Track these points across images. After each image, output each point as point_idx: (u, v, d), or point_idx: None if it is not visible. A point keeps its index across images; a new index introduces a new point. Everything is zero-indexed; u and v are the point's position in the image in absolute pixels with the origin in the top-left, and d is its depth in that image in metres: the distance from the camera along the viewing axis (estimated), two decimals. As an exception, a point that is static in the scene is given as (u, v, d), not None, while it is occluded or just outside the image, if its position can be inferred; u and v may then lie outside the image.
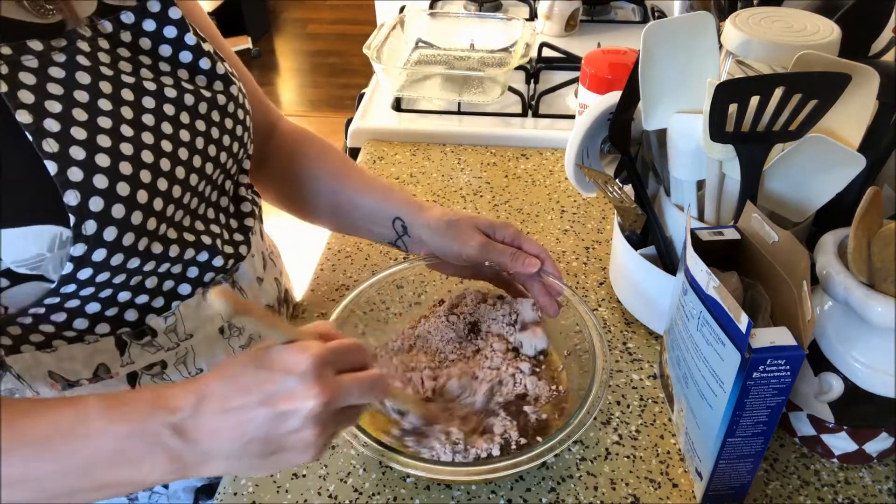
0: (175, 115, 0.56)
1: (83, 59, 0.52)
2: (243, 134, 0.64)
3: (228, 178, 0.64)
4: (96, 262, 0.51)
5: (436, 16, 1.33)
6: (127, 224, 0.51)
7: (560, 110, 1.15)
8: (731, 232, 0.59)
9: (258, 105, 0.74)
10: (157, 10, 0.58)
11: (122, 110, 0.53)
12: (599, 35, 1.40)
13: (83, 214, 0.49)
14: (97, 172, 0.50)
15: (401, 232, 0.70)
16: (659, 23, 0.60)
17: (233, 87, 0.62)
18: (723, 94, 0.54)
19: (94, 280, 0.52)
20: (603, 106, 0.71)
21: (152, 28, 0.58)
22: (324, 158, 0.76)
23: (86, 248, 0.49)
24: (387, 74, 1.15)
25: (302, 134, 0.78)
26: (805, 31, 0.60)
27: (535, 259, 0.63)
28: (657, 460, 0.62)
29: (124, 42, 0.56)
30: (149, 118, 0.54)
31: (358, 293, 0.67)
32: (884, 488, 0.60)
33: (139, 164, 0.52)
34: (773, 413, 0.51)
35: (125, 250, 0.52)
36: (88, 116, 0.50)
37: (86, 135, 0.50)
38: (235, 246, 0.65)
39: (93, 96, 0.51)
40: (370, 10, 2.05)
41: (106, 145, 0.51)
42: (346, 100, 3.38)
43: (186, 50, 0.59)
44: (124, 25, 0.56)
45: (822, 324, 0.57)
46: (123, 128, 0.52)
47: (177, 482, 0.64)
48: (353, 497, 0.59)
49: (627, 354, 0.72)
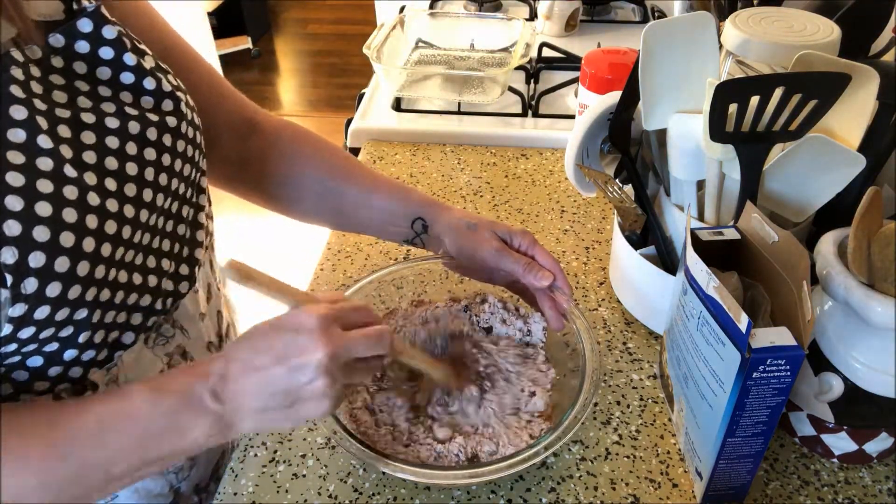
0: (120, 147, 0.51)
1: (17, 91, 0.46)
2: (194, 153, 0.58)
3: (186, 204, 0.59)
4: (39, 321, 0.46)
5: (436, 16, 1.33)
6: (73, 277, 0.46)
7: (560, 110, 1.15)
8: (731, 232, 0.59)
9: (224, 102, 0.69)
10: (89, 31, 0.51)
11: (60, 149, 0.47)
12: (599, 35, 1.40)
13: (21, 273, 0.44)
14: (38, 224, 0.44)
15: (420, 231, 0.69)
16: (659, 23, 0.60)
17: (182, 105, 0.56)
18: (723, 94, 0.54)
19: (37, 337, 0.47)
20: (603, 106, 0.71)
21: (86, 50, 0.51)
22: (322, 157, 0.72)
23: (26, 307, 0.45)
24: (387, 74, 1.15)
25: (291, 130, 0.73)
26: (805, 31, 0.60)
27: (548, 273, 0.63)
28: (657, 460, 0.62)
29: (56, 68, 0.50)
30: (90, 155, 0.49)
31: (356, 290, 0.67)
32: (884, 488, 0.60)
33: (84, 209, 0.47)
34: (773, 413, 0.51)
35: (71, 304, 0.47)
36: (26, 159, 0.44)
37: (24, 181, 0.44)
38: (177, 282, 0.59)
39: (30, 135, 0.45)
40: (370, 10, 2.05)
41: (47, 191, 0.45)
42: (346, 100, 3.38)
43: (127, 71, 0.53)
44: (55, 49, 0.50)
45: (822, 324, 0.57)
46: (66, 168, 0.46)
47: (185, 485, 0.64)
48: (353, 497, 0.59)
49: (627, 354, 0.72)
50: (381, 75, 1.16)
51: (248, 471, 0.62)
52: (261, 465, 0.62)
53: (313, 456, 0.63)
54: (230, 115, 0.70)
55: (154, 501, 0.63)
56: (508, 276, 0.66)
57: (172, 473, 0.64)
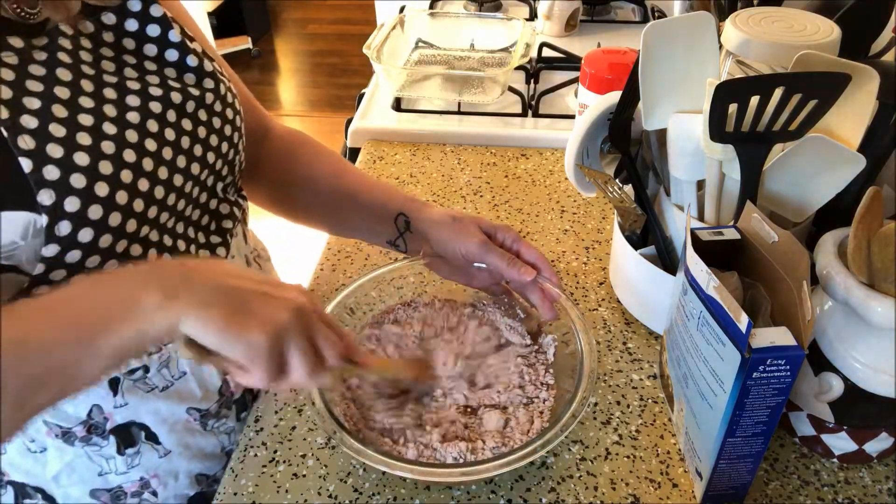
0: (161, 112, 0.55)
1: (65, 57, 0.51)
2: (233, 134, 0.63)
3: (220, 180, 0.63)
4: (70, 264, 0.49)
5: (436, 16, 1.33)
6: (104, 226, 0.50)
7: (560, 110, 1.15)
8: (731, 232, 0.59)
9: (249, 109, 0.74)
10: (139, 9, 0.57)
11: (104, 108, 0.51)
12: (599, 35, 1.40)
13: (57, 215, 0.47)
14: (75, 171, 0.48)
15: (402, 229, 0.70)
16: (659, 23, 0.60)
17: (221, 86, 0.61)
18: (723, 94, 0.54)
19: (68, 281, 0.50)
20: (603, 106, 0.71)
21: (135, 27, 0.57)
22: (319, 159, 0.76)
23: (59, 248, 0.48)
24: (387, 74, 1.15)
25: (295, 136, 0.78)
26: (805, 31, 0.60)
27: (531, 268, 0.64)
28: (657, 460, 0.62)
29: (107, 42, 0.55)
30: (133, 115, 0.53)
31: (354, 289, 0.67)
32: (884, 488, 0.60)
33: (120, 164, 0.51)
34: (773, 413, 0.51)
35: (102, 252, 0.50)
36: (69, 113, 0.49)
37: (65, 132, 0.48)
38: (212, 248, 0.63)
39: (74, 93, 0.50)
40: (370, 10, 2.05)
41: (86, 143, 0.49)
42: (346, 100, 3.38)
43: (172, 48, 0.58)
44: (106, 26, 0.55)
45: (822, 324, 0.57)
46: (106, 125, 0.51)
47: (168, 490, 0.64)
48: (353, 497, 0.59)
49: (627, 354, 0.72)
50: (381, 75, 1.16)
51: (248, 471, 0.62)
52: (261, 465, 0.62)
53: (313, 456, 0.63)
54: (253, 122, 0.74)
55: (209, 462, 0.66)
56: (488, 279, 0.68)
57: (224, 434, 0.66)
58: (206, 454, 0.66)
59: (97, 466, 0.61)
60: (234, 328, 0.43)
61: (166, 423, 0.61)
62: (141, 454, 0.61)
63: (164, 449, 0.62)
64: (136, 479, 0.62)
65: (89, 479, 0.61)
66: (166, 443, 0.62)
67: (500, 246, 0.65)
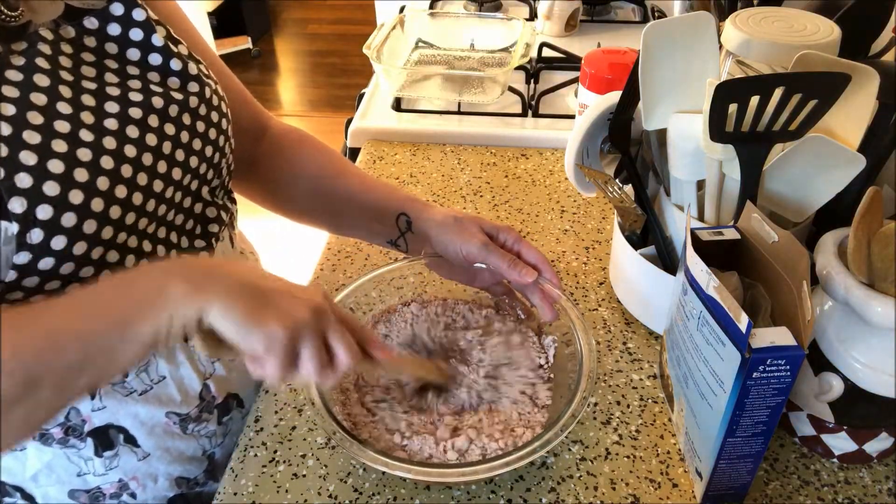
0: (142, 117, 0.54)
1: (43, 62, 0.50)
2: (218, 137, 0.61)
3: (205, 184, 0.62)
4: (43, 271, 0.48)
5: (436, 16, 1.33)
6: (79, 233, 0.49)
7: (560, 110, 1.15)
8: (731, 232, 0.59)
9: (246, 107, 0.73)
10: (121, 14, 0.56)
11: (81, 115, 0.51)
12: (599, 35, 1.40)
13: (29, 223, 0.47)
14: (48, 179, 0.47)
15: (404, 229, 0.70)
16: (659, 23, 0.60)
17: (206, 89, 0.60)
18: (723, 94, 0.54)
19: (42, 288, 0.50)
20: (603, 106, 0.71)
21: (117, 32, 0.56)
22: (319, 158, 0.75)
23: (31, 256, 0.47)
24: (387, 74, 1.15)
25: (296, 134, 0.77)
26: (805, 31, 0.60)
27: (532, 270, 0.64)
28: (657, 460, 0.62)
29: (88, 47, 0.54)
30: (111, 122, 0.52)
31: (354, 289, 0.67)
32: (884, 488, 0.60)
33: (97, 171, 0.50)
34: (773, 413, 0.51)
35: (76, 259, 0.50)
36: (44, 120, 0.48)
37: (39, 139, 0.48)
38: (195, 253, 0.62)
39: (51, 99, 0.49)
40: (370, 10, 2.05)
41: (61, 150, 0.48)
42: (346, 100, 3.38)
43: (155, 52, 0.57)
44: (88, 30, 0.54)
45: (822, 324, 0.57)
46: (82, 132, 0.50)
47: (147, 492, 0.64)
48: (353, 497, 0.59)
49: (627, 354, 0.72)
50: (381, 75, 1.16)
51: (248, 471, 0.62)
52: (261, 465, 0.62)
53: (313, 456, 0.63)
54: (249, 120, 0.73)
55: (188, 465, 0.65)
56: (489, 279, 0.68)
57: (205, 438, 0.66)
58: (187, 457, 0.65)
59: (76, 467, 0.60)
60: (255, 317, 0.45)
61: (145, 427, 0.61)
62: (119, 456, 0.61)
63: (143, 452, 0.62)
64: (115, 480, 0.62)
65: (68, 480, 0.60)
66: (145, 446, 0.61)
67: (501, 246, 0.65)
